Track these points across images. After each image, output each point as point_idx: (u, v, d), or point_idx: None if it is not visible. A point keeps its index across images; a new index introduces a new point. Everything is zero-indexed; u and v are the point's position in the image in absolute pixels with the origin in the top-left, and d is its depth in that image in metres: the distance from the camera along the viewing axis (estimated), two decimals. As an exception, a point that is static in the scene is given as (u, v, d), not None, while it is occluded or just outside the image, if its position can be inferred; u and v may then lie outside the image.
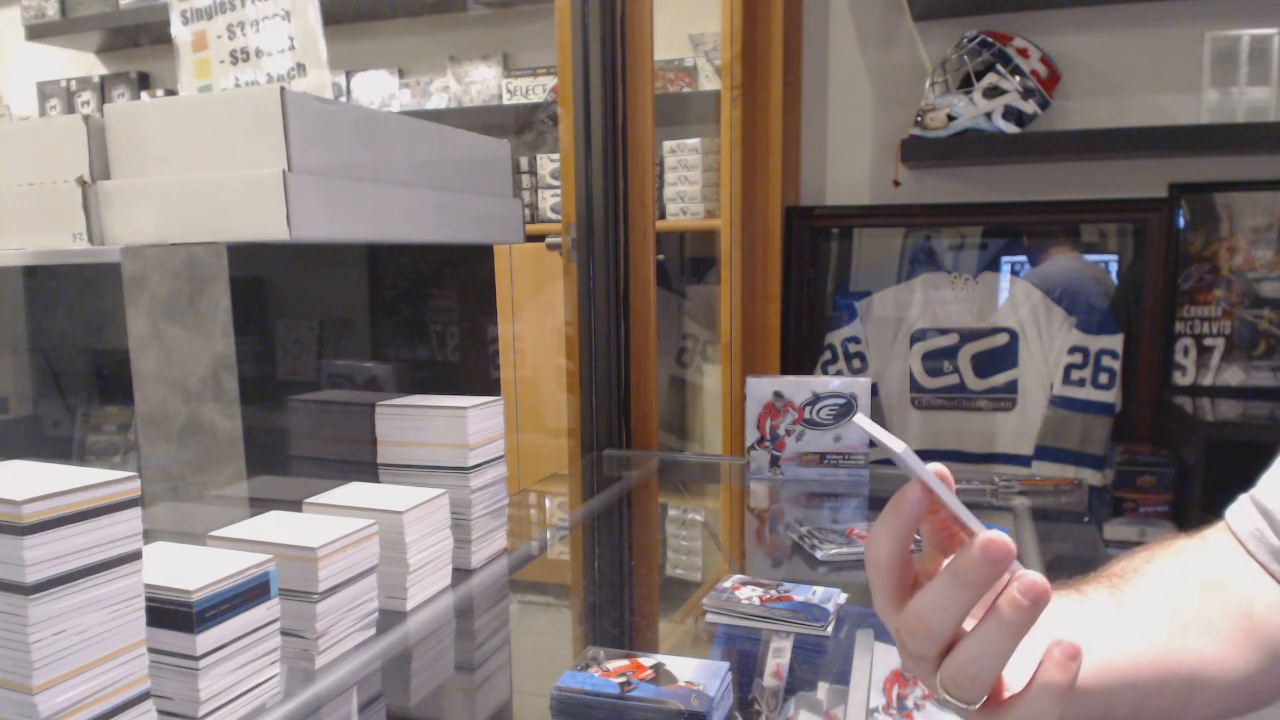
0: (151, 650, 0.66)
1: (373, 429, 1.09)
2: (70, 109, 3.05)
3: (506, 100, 2.62)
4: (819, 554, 1.15)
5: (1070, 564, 1.15)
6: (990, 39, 1.93)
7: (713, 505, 1.62)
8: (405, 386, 1.22)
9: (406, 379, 1.23)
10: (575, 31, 1.73)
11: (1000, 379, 2.06)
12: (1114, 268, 2.06)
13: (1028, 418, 2.04)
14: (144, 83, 3.05)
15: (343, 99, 2.71)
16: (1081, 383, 1.97)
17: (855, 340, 2.14)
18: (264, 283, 0.99)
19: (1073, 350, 1.99)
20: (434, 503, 0.98)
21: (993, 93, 1.92)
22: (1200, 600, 0.56)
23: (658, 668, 0.79)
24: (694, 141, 2.23)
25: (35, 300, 1.13)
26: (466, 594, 1.03)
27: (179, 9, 1.12)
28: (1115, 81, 1.99)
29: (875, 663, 0.82)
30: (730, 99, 1.96)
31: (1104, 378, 1.96)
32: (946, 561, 0.45)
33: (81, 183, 0.95)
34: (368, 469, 1.10)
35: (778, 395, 1.50)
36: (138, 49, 3.07)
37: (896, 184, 2.11)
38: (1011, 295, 2.07)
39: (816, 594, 0.98)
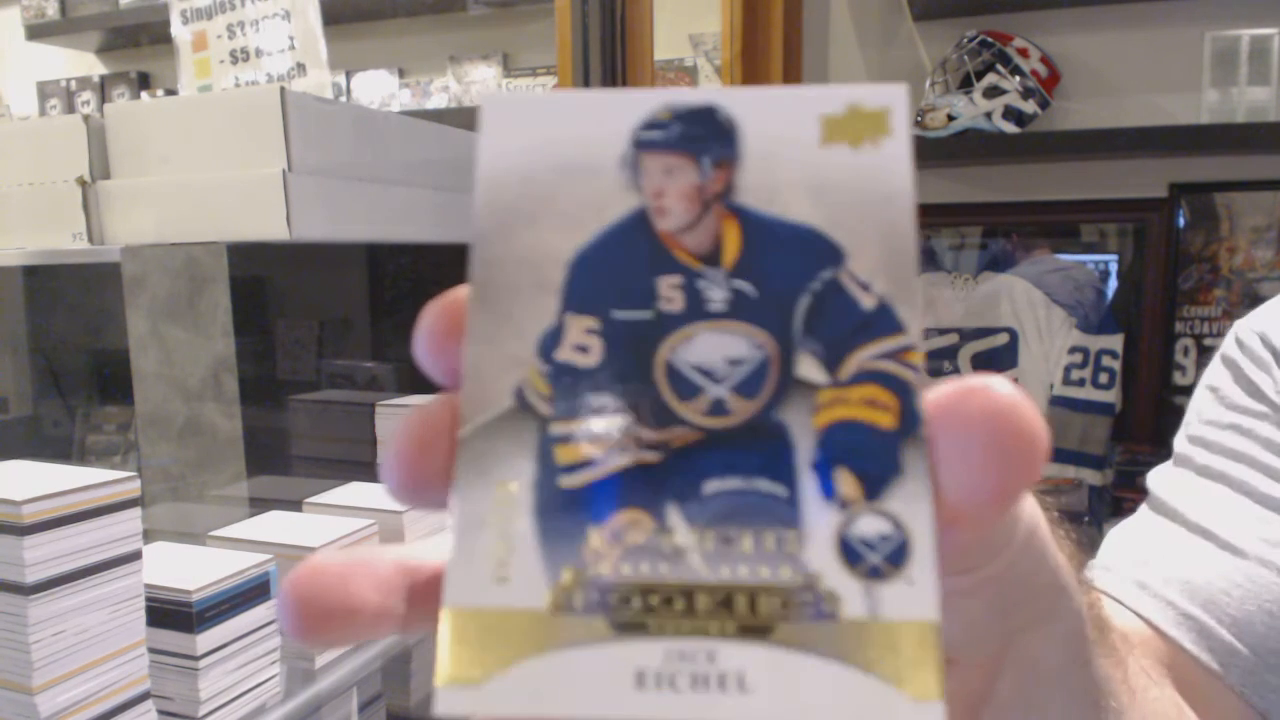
0: (151, 650, 0.66)
1: (373, 429, 1.09)
2: (70, 109, 3.05)
3: (506, 100, 2.61)
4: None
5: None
6: (990, 39, 1.93)
7: (713, 505, 1.62)
8: (405, 386, 1.22)
9: (406, 379, 1.23)
10: (575, 31, 1.73)
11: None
12: (1114, 268, 2.06)
13: (1028, 418, 2.04)
14: (144, 83, 3.04)
15: (343, 99, 2.71)
16: (1081, 383, 1.97)
17: (855, 340, 2.14)
18: (264, 283, 0.99)
19: (1073, 350, 1.99)
20: (434, 503, 0.98)
21: (993, 93, 1.92)
22: None
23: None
24: (694, 141, 2.23)
25: (35, 300, 1.13)
26: (466, 594, 1.03)
27: (179, 9, 1.12)
28: (1115, 81, 1.99)
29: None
30: (730, 99, 1.96)
31: (1104, 378, 1.96)
32: None
33: (81, 183, 0.95)
34: (368, 469, 1.10)
35: (778, 395, 1.50)
36: (138, 49, 3.06)
37: (896, 184, 2.11)
38: (1011, 295, 2.07)
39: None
